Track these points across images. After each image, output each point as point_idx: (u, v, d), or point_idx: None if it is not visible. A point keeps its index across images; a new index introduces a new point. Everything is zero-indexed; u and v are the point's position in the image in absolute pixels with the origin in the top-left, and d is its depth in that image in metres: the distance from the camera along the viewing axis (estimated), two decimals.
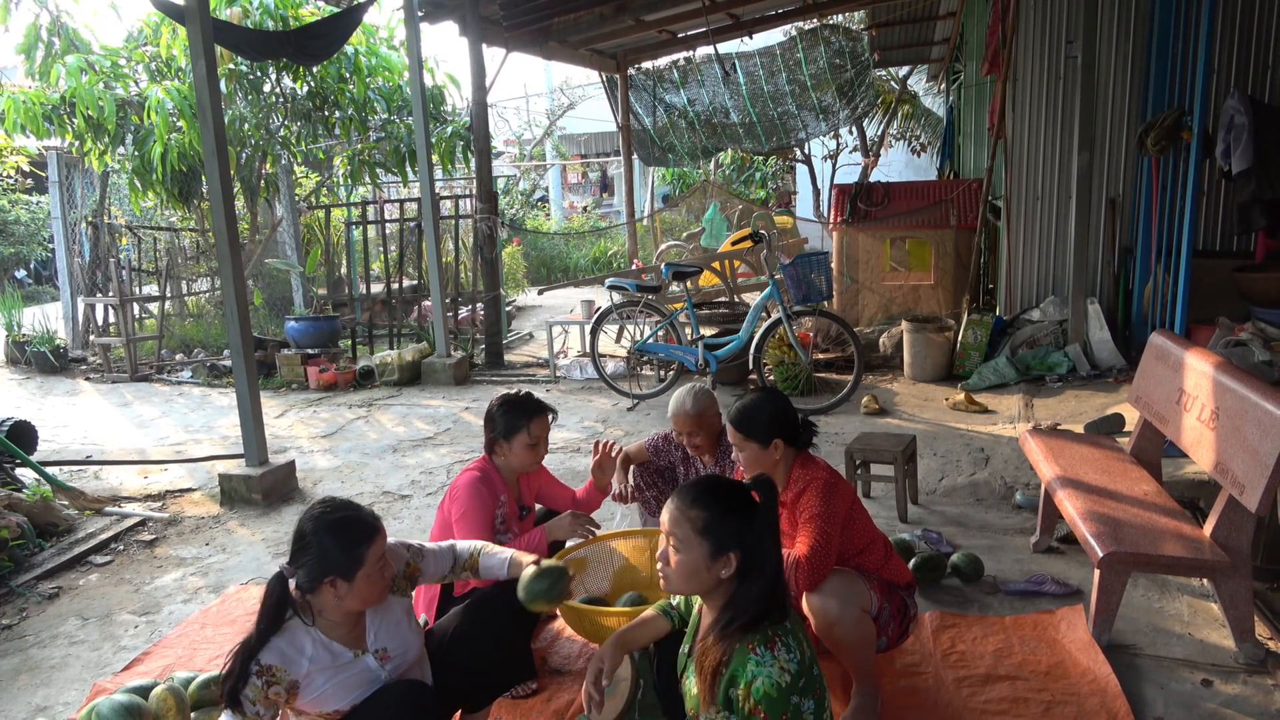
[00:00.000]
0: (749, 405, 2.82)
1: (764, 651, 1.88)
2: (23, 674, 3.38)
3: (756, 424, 2.78)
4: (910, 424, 5.83)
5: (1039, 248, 7.27)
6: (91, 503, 5.02)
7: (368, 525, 2.20)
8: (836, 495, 2.73)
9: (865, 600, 2.70)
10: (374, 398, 7.52)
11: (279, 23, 8.23)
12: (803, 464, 2.82)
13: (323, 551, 2.13)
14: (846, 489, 2.80)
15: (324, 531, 2.14)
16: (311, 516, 2.18)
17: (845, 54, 10.55)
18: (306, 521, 2.18)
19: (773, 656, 1.87)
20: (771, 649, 1.89)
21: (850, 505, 2.80)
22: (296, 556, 2.16)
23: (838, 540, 2.70)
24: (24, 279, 16.72)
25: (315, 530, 2.15)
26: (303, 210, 10.52)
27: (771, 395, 2.89)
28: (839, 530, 2.70)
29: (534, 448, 3.16)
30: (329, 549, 2.13)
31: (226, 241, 4.92)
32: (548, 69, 22.05)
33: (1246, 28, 6.48)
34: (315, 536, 2.14)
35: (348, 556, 2.13)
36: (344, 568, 2.13)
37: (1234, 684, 2.89)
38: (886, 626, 2.79)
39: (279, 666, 2.11)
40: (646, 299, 6.78)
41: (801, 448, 2.85)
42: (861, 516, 2.85)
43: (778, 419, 2.79)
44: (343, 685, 2.21)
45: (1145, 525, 3.11)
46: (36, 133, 8.52)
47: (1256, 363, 5.08)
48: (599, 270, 14.20)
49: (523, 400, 3.18)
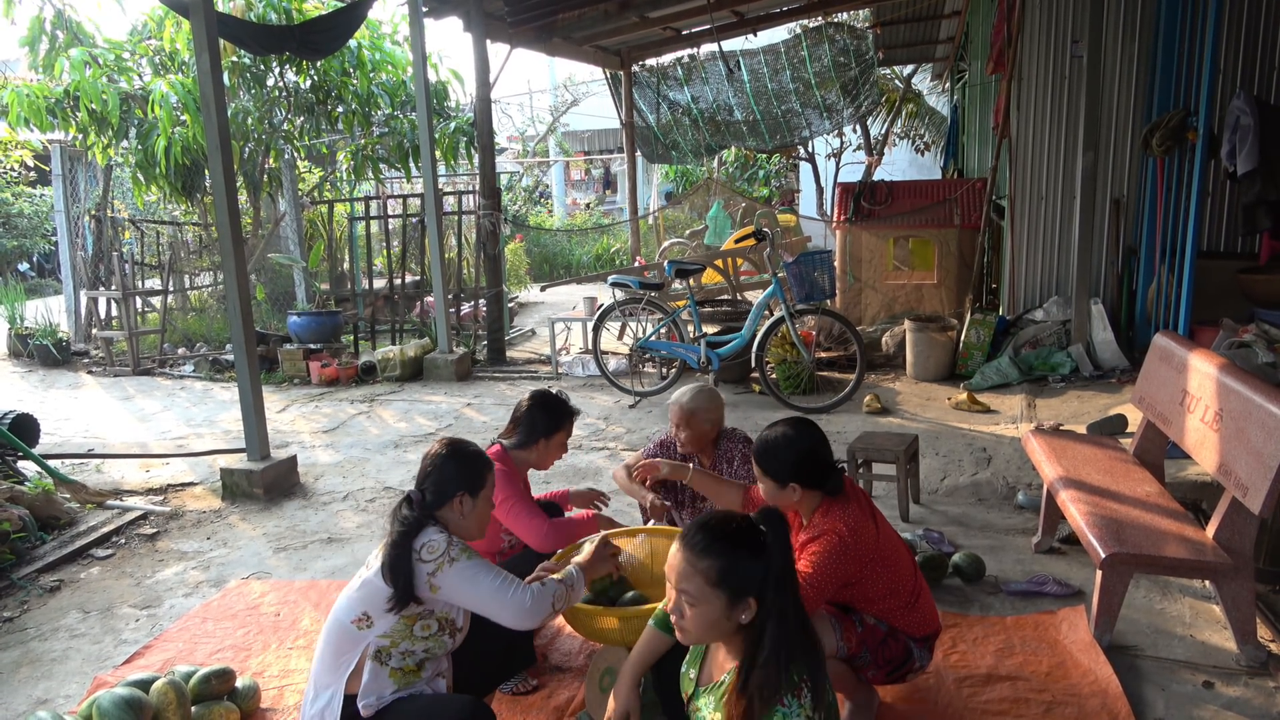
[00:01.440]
0: (773, 439, 2.58)
1: (791, 700, 1.78)
2: (24, 666, 3.39)
3: (776, 461, 2.56)
4: (912, 423, 5.82)
5: (1043, 247, 7.25)
6: (93, 496, 5.03)
7: (488, 459, 2.56)
8: (847, 558, 2.49)
9: (830, 645, 2.52)
10: (376, 393, 7.52)
11: (282, 16, 8.21)
12: (827, 511, 2.56)
13: (452, 471, 2.45)
14: (865, 546, 2.53)
15: (452, 457, 2.48)
16: (441, 445, 2.52)
17: (850, 52, 10.53)
18: (435, 451, 2.50)
19: (799, 705, 1.78)
20: (799, 697, 1.79)
21: (867, 562, 2.55)
22: (424, 480, 2.46)
23: (824, 599, 2.52)
24: (27, 272, 16.72)
25: (445, 455, 2.48)
26: (306, 205, 10.52)
27: (801, 432, 2.60)
28: (831, 590, 2.51)
29: (564, 446, 3.32)
30: (458, 469, 2.45)
31: (229, 236, 4.92)
32: (551, 65, 22.03)
33: (1252, 28, 6.46)
34: (444, 460, 2.47)
35: (475, 476, 2.47)
36: (471, 485, 2.45)
37: (1235, 686, 2.89)
38: (866, 669, 2.62)
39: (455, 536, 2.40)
40: (649, 296, 6.77)
41: (829, 493, 2.58)
42: (887, 568, 2.60)
43: (801, 461, 2.54)
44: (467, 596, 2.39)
45: (1147, 526, 3.11)
46: (40, 126, 8.52)
47: (1260, 364, 5.07)
48: (601, 267, 14.18)
49: (561, 401, 3.31)
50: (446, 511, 2.44)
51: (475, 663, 2.63)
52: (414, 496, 2.43)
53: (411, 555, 2.31)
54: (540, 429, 3.22)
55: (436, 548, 2.32)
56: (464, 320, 9.39)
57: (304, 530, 4.64)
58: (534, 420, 3.23)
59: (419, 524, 2.38)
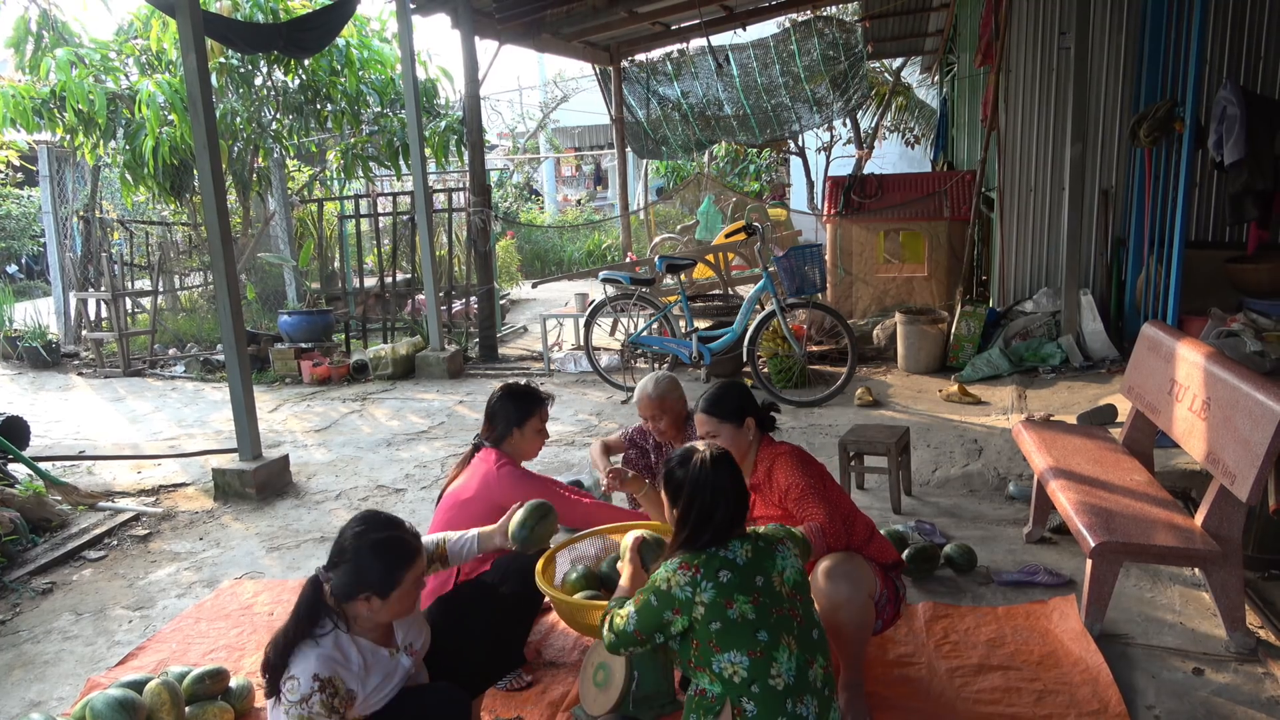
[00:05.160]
0: (715, 392, 3.00)
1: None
2: (16, 669, 3.38)
3: (727, 408, 2.93)
4: (904, 416, 5.84)
5: (1032, 239, 7.28)
6: (85, 498, 5.01)
7: (409, 548, 2.22)
8: (809, 462, 2.91)
9: (871, 585, 2.72)
10: (368, 392, 7.51)
11: (269, 15, 8.18)
12: (769, 443, 3.00)
13: (362, 568, 2.16)
14: (810, 457, 2.96)
15: (366, 550, 2.17)
16: (355, 533, 2.20)
17: (839, 46, 10.53)
18: (349, 536, 2.20)
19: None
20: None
21: (824, 474, 2.91)
22: (334, 566, 2.19)
23: (836, 502, 2.82)
24: (15, 274, 16.62)
25: (357, 547, 2.17)
26: (295, 204, 10.49)
27: (732, 382, 3.14)
28: (830, 493, 2.83)
29: (540, 434, 3.26)
30: (368, 567, 2.16)
31: (219, 235, 4.90)
32: (541, 61, 21.99)
33: (1239, 18, 6.48)
34: (355, 553, 2.17)
35: (386, 577, 2.16)
36: (381, 587, 2.16)
37: (1225, 673, 2.91)
38: (884, 610, 2.82)
39: (337, 677, 2.12)
40: (640, 292, 6.77)
41: (766, 430, 3.02)
42: (837, 491, 2.93)
43: (745, 401, 2.96)
44: (383, 685, 2.24)
45: (1137, 515, 3.13)
46: (27, 127, 8.47)
47: (1248, 353, 5.10)
48: (593, 263, 14.17)
49: (526, 389, 3.29)
50: (356, 605, 2.18)
51: (459, 665, 2.59)
52: (320, 579, 2.20)
53: (281, 671, 2.12)
54: (512, 419, 3.20)
55: (295, 691, 2.07)
56: (455, 318, 9.38)
57: (297, 530, 4.64)
58: (504, 412, 3.22)
59: (308, 626, 2.15)
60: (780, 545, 2.31)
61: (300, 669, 2.09)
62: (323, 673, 2.09)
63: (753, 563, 2.21)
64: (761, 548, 2.26)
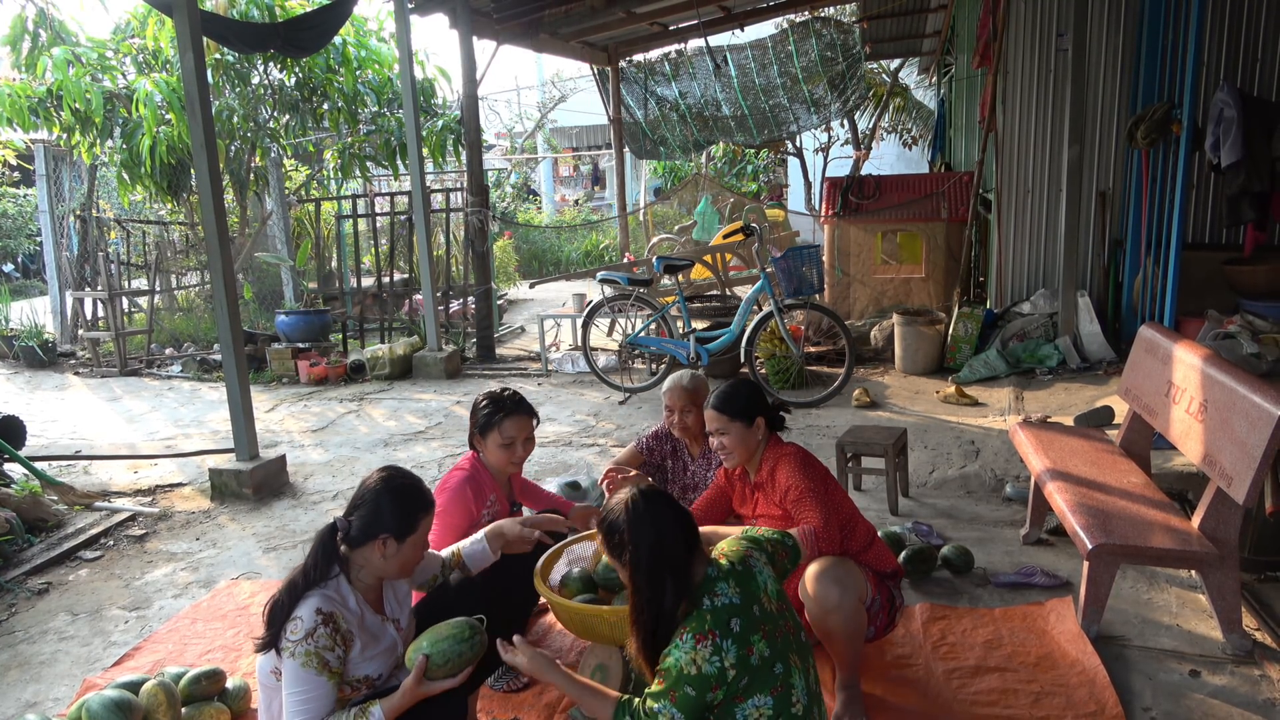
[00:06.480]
0: (727, 390, 2.99)
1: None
2: (12, 670, 3.37)
3: (738, 406, 2.92)
4: (901, 417, 5.84)
5: (1029, 241, 7.29)
6: (81, 498, 5.00)
7: (428, 497, 2.37)
8: (812, 464, 2.92)
9: (862, 589, 2.72)
10: (365, 392, 7.50)
11: (266, 14, 8.17)
12: (775, 443, 3.01)
13: (382, 509, 2.25)
14: (813, 459, 2.97)
15: (387, 494, 2.27)
16: (379, 478, 2.31)
17: (836, 46, 10.54)
18: (372, 482, 2.31)
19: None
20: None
21: (827, 477, 2.91)
22: (354, 510, 2.28)
23: (834, 506, 2.83)
24: (12, 273, 16.60)
25: (378, 491, 2.28)
26: (293, 203, 10.47)
27: (744, 380, 3.15)
28: (832, 496, 2.85)
29: (507, 448, 3.04)
30: (388, 508, 2.26)
31: (216, 235, 4.89)
32: (539, 62, 22.01)
33: (1236, 20, 6.49)
34: (376, 495, 2.27)
35: (406, 520, 2.27)
36: (399, 529, 2.25)
37: (1221, 674, 2.92)
38: (876, 617, 2.82)
39: (338, 614, 2.18)
40: (638, 292, 6.77)
41: (775, 430, 3.02)
42: (840, 495, 2.94)
43: (756, 399, 2.96)
44: (371, 645, 2.26)
45: (1134, 517, 3.13)
46: (23, 126, 8.45)
47: (1245, 355, 5.11)
48: (590, 264, 14.16)
49: (504, 398, 3.09)
50: (368, 551, 2.25)
51: None
52: (339, 526, 2.26)
53: (289, 615, 2.15)
54: (478, 426, 3.07)
55: (298, 629, 2.12)
56: (453, 318, 9.37)
57: (294, 530, 4.63)
58: (474, 417, 3.10)
59: (323, 571, 2.21)
60: (749, 558, 2.20)
61: (303, 609, 2.16)
62: (325, 607, 2.16)
63: (745, 594, 2.10)
64: (740, 572, 2.14)
